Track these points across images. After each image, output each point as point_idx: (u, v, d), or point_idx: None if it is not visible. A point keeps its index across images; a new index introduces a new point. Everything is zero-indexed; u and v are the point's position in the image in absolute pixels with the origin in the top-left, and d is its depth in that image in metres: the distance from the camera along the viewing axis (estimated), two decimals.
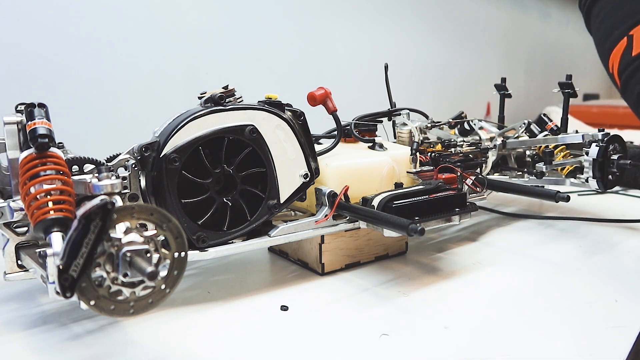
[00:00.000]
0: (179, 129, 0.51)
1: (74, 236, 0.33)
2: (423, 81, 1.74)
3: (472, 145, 0.83)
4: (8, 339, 0.46)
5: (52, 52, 0.89)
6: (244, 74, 1.19)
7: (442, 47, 1.82)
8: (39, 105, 0.46)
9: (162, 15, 1.04)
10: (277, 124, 0.56)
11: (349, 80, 1.42)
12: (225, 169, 0.53)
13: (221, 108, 0.53)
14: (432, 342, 0.45)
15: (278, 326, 0.48)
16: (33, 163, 0.42)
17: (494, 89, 1.00)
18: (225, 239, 0.53)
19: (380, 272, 0.62)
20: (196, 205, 0.52)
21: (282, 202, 0.56)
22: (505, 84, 0.99)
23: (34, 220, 0.40)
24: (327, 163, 0.61)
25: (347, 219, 0.61)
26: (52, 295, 0.36)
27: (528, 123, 0.91)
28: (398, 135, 0.81)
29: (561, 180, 0.84)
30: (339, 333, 0.47)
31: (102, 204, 0.33)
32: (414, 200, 0.59)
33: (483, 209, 0.91)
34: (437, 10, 1.78)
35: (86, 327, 0.48)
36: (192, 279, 0.60)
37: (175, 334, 0.47)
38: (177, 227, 0.37)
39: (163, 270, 0.36)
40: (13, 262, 0.49)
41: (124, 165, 0.50)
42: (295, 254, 0.65)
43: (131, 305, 0.36)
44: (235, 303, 0.53)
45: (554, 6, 2.65)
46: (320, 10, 1.37)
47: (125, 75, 0.99)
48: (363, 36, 1.50)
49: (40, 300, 0.53)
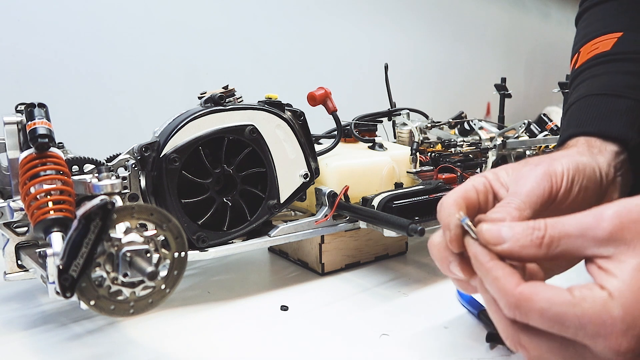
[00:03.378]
0: (179, 129, 0.51)
1: (74, 236, 0.33)
2: (423, 81, 1.75)
3: (472, 145, 0.83)
4: (8, 339, 0.46)
5: (52, 52, 0.89)
6: (243, 74, 1.19)
7: (442, 47, 1.82)
8: (39, 105, 0.46)
9: (162, 15, 1.04)
10: (277, 124, 0.56)
11: (349, 80, 1.42)
12: (225, 169, 0.53)
13: (221, 108, 0.53)
14: (432, 342, 0.45)
15: (278, 326, 0.48)
16: (33, 163, 0.42)
17: (494, 89, 1.00)
18: (225, 239, 0.53)
19: (380, 272, 0.62)
20: (196, 205, 0.52)
21: (282, 202, 0.56)
22: (505, 84, 0.99)
23: (34, 220, 0.40)
24: (327, 163, 0.61)
25: (347, 219, 0.61)
26: (52, 295, 0.36)
27: (528, 123, 0.91)
28: (398, 135, 0.81)
29: None
30: (339, 333, 0.47)
31: (102, 204, 0.33)
32: (414, 200, 0.59)
33: None
34: (437, 10, 1.78)
35: (86, 327, 0.48)
36: (192, 279, 0.60)
37: (176, 334, 0.47)
38: (177, 227, 0.37)
39: (163, 270, 0.36)
40: (13, 262, 0.49)
41: (124, 165, 0.50)
42: (295, 254, 0.65)
43: (131, 305, 0.36)
44: (235, 303, 0.53)
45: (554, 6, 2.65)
46: (320, 10, 1.37)
47: (126, 75, 0.99)
48: (363, 36, 1.50)
49: (40, 300, 0.53)
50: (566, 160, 0.41)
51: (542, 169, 0.40)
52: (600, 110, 0.50)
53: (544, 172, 0.39)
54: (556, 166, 0.40)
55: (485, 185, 0.40)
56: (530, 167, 0.41)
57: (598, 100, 0.51)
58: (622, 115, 0.48)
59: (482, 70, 2.04)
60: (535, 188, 0.38)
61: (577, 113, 0.51)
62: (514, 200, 0.37)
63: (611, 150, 0.46)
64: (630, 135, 0.47)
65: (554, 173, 0.39)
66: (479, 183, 0.40)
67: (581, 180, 0.40)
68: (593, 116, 0.49)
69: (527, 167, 0.41)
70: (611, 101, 0.50)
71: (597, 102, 0.51)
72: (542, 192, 0.38)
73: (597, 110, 0.50)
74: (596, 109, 0.50)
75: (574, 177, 0.40)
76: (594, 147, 0.46)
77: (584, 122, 0.49)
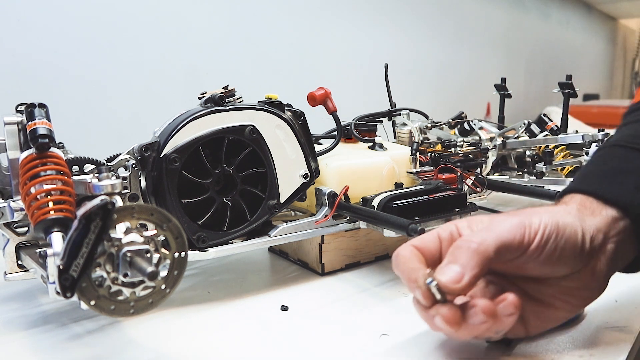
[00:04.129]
0: (179, 129, 0.51)
1: (74, 236, 0.33)
2: (423, 81, 1.75)
3: (472, 146, 0.83)
4: (8, 339, 0.46)
5: (52, 52, 0.89)
6: (244, 74, 1.19)
7: (442, 47, 1.82)
8: (39, 106, 0.46)
9: (162, 15, 1.04)
10: (277, 124, 0.56)
11: (349, 81, 1.42)
12: (225, 169, 0.53)
13: (221, 108, 0.53)
14: (432, 342, 0.45)
15: (278, 326, 0.48)
16: (33, 163, 0.42)
17: (494, 89, 1.00)
18: (225, 239, 0.53)
19: (380, 272, 0.62)
20: (196, 205, 0.52)
21: (282, 202, 0.56)
22: (505, 84, 0.99)
23: (34, 220, 0.40)
24: (327, 163, 0.61)
25: (347, 219, 0.61)
26: (53, 295, 0.36)
27: (528, 123, 0.91)
28: (398, 135, 0.81)
29: (561, 181, 0.84)
30: (339, 333, 0.47)
31: (103, 204, 0.33)
32: (414, 201, 0.59)
33: (483, 209, 0.91)
34: (437, 10, 1.78)
35: (86, 327, 0.48)
36: (192, 279, 0.60)
37: (175, 334, 0.47)
38: (177, 227, 0.37)
39: (163, 270, 0.36)
40: (13, 262, 0.49)
41: (124, 165, 0.50)
42: (295, 254, 0.65)
43: (131, 305, 0.36)
44: (235, 303, 0.53)
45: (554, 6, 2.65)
46: (320, 10, 1.37)
47: (125, 75, 0.99)
48: (363, 36, 1.50)
49: (41, 300, 0.53)
50: (547, 217, 0.39)
51: (519, 219, 0.39)
52: (612, 165, 0.45)
53: (519, 222, 0.39)
54: (534, 220, 0.39)
55: (452, 233, 0.41)
56: (507, 216, 0.41)
57: (619, 152, 0.46)
58: (631, 176, 0.43)
59: (482, 71, 2.04)
60: (505, 234, 0.38)
61: (591, 165, 0.48)
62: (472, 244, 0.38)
63: (608, 214, 0.42)
64: (635, 200, 0.42)
65: (529, 225, 0.39)
66: (445, 231, 0.42)
67: (558, 239, 0.39)
68: (601, 172, 0.45)
69: (505, 216, 0.41)
70: (629, 156, 0.45)
71: (615, 155, 0.46)
72: (511, 239, 0.38)
73: (608, 165, 0.45)
74: (609, 164, 0.45)
75: (550, 235, 0.39)
76: (586, 208, 0.42)
77: (587, 178, 0.46)
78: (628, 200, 0.42)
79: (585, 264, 0.40)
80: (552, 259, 0.39)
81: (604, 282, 0.42)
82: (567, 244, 0.39)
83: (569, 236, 0.39)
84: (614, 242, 0.41)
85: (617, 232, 0.41)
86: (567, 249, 0.39)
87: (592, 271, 0.41)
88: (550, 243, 0.39)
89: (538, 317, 0.42)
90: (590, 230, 0.40)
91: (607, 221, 0.41)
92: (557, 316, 0.42)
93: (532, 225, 0.39)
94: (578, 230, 0.40)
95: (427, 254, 0.41)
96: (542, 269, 0.40)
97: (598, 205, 0.42)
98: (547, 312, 0.42)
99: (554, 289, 0.41)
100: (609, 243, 0.41)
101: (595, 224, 0.41)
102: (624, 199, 0.42)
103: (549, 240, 0.39)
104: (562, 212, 0.41)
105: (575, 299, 0.42)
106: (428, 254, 0.41)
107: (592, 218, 0.42)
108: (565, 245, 0.39)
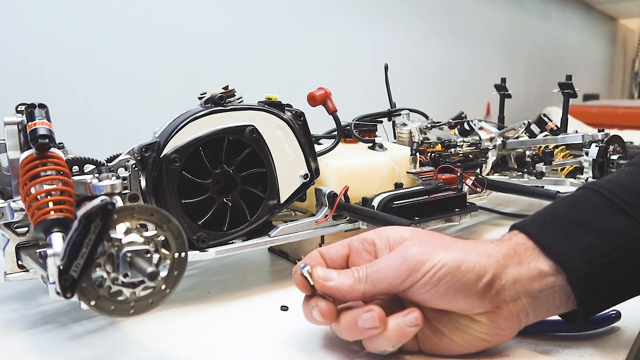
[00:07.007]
0: (179, 130, 0.51)
1: (74, 236, 0.33)
2: (423, 81, 1.75)
3: (472, 146, 0.83)
4: (8, 339, 0.46)
5: (52, 52, 0.89)
6: (244, 74, 1.19)
7: (442, 47, 1.82)
8: (39, 106, 0.46)
9: (162, 15, 1.04)
10: (277, 125, 0.56)
11: (349, 81, 1.42)
12: (225, 169, 0.53)
13: (221, 108, 0.53)
14: None
15: (278, 326, 0.48)
16: (33, 163, 0.42)
17: (494, 89, 1.00)
18: (225, 239, 0.54)
19: None
20: (196, 205, 0.52)
21: (282, 203, 0.57)
22: (505, 84, 0.99)
23: (34, 220, 0.40)
24: (327, 163, 0.61)
25: (347, 219, 0.61)
26: (53, 295, 0.36)
27: (528, 123, 0.91)
28: (398, 135, 0.81)
29: (561, 181, 0.84)
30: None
31: (103, 204, 0.33)
32: (414, 201, 0.59)
33: (483, 209, 0.91)
34: (437, 10, 1.78)
35: (86, 327, 0.48)
36: (192, 279, 0.60)
37: (175, 334, 0.47)
38: (178, 228, 0.37)
39: (163, 271, 0.36)
40: (13, 263, 0.49)
41: (124, 165, 0.50)
42: (295, 254, 0.65)
43: (131, 305, 0.36)
44: (235, 303, 0.53)
45: (554, 6, 2.65)
46: (320, 10, 1.37)
47: (125, 75, 0.99)
48: (363, 36, 1.50)
49: (41, 301, 0.53)
50: (454, 256, 0.38)
51: (412, 253, 0.39)
52: (576, 217, 0.41)
53: (407, 259, 0.39)
54: (434, 257, 0.38)
55: (364, 242, 0.43)
56: (406, 248, 0.40)
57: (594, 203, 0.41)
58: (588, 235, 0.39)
59: (482, 71, 2.04)
60: (390, 273, 0.39)
61: (561, 204, 0.43)
62: (358, 275, 0.40)
63: (538, 267, 0.39)
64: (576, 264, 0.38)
65: (423, 262, 0.38)
66: (357, 240, 0.44)
67: (452, 281, 0.38)
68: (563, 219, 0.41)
69: (410, 243, 0.40)
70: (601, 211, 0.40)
71: (588, 206, 0.41)
72: (396, 274, 0.39)
73: (576, 213, 0.41)
74: (576, 212, 0.41)
75: (443, 276, 0.38)
76: (517, 255, 0.40)
77: (545, 220, 0.42)
78: (569, 264, 0.39)
79: (486, 309, 0.39)
80: (445, 296, 0.38)
81: (508, 331, 0.40)
82: (463, 286, 0.38)
83: (468, 280, 0.38)
84: (533, 296, 0.39)
85: (542, 287, 0.39)
86: (461, 291, 0.38)
87: (495, 317, 0.39)
88: (443, 283, 0.38)
89: (431, 343, 0.41)
90: (504, 279, 0.39)
91: (531, 275, 0.39)
92: (452, 348, 0.41)
93: (426, 264, 0.38)
94: (484, 276, 0.38)
95: (328, 260, 0.43)
96: (437, 302, 0.39)
97: (533, 254, 0.40)
98: (441, 341, 0.41)
99: (453, 323, 0.40)
100: (525, 297, 0.39)
101: (515, 275, 0.39)
102: (566, 259, 0.39)
103: (442, 280, 0.38)
104: (483, 252, 0.39)
105: (471, 337, 0.40)
106: (329, 260, 0.43)
107: (516, 267, 0.39)
108: (458, 287, 0.38)
